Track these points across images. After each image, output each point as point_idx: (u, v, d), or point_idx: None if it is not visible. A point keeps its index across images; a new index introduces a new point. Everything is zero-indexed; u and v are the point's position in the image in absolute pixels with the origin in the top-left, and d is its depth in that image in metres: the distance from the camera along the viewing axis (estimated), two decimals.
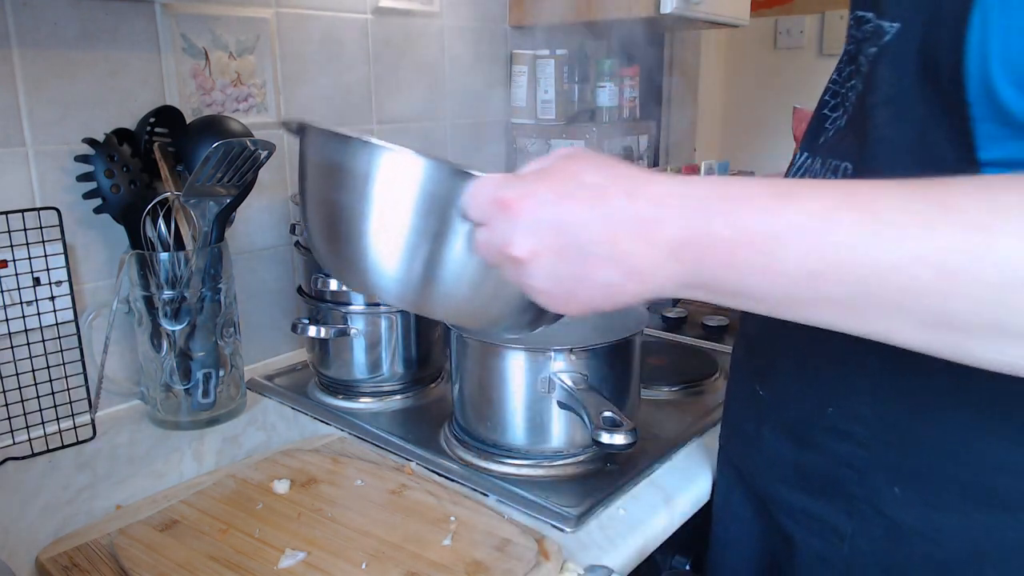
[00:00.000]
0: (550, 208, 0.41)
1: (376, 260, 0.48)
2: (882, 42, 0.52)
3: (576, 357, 0.74)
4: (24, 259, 0.82)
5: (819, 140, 0.61)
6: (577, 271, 0.41)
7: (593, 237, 0.40)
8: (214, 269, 0.88)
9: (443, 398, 0.97)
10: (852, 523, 0.59)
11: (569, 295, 0.42)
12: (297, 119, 0.52)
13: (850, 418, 0.57)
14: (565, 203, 0.40)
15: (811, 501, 0.62)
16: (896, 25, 0.50)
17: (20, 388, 0.82)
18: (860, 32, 0.55)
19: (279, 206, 1.08)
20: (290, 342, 1.12)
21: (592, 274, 0.40)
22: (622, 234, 0.39)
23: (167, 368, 0.88)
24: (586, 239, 0.40)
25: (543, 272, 0.41)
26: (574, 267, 0.41)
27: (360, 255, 0.48)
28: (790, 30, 1.89)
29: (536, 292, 0.43)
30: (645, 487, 0.76)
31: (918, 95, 0.43)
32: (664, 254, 0.39)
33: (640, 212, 0.39)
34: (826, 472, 0.60)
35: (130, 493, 0.74)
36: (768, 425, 0.65)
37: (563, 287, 0.42)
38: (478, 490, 0.74)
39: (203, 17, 0.96)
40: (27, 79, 0.82)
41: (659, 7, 1.23)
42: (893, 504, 0.56)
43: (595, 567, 0.62)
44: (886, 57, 0.51)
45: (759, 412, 0.66)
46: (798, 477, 0.62)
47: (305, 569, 0.60)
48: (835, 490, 0.60)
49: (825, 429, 0.59)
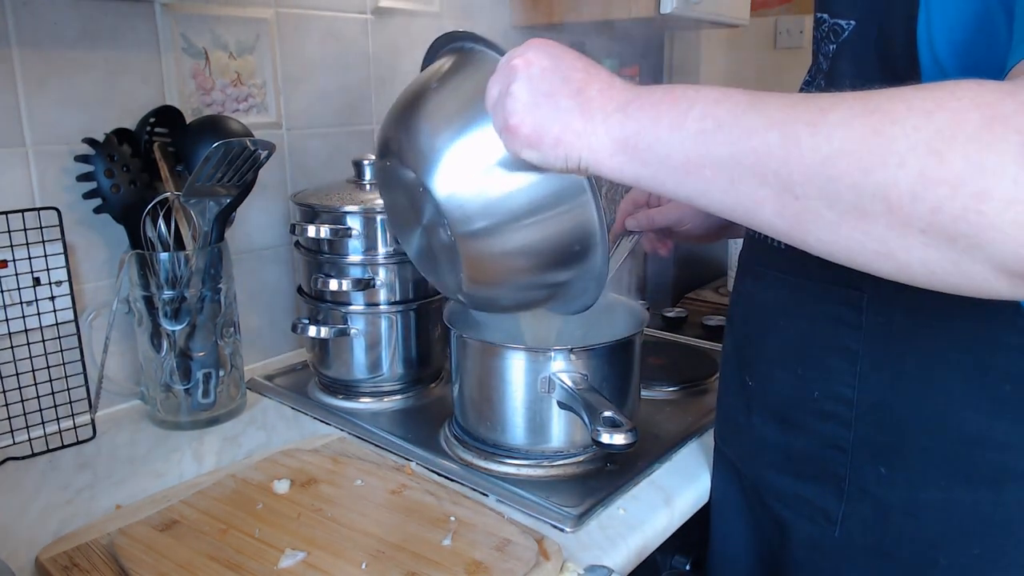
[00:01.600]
0: (554, 48, 0.50)
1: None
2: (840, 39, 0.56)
3: (576, 357, 0.74)
4: (24, 259, 0.82)
5: None
6: (551, 89, 0.48)
7: (575, 73, 0.49)
8: (214, 269, 0.88)
9: (443, 398, 0.97)
10: (842, 506, 0.60)
11: (533, 111, 0.49)
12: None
13: (834, 399, 0.59)
14: (564, 52, 0.51)
15: (801, 485, 0.63)
16: (852, 23, 0.55)
17: (20, 388, 0.83)
18: (818, 32, 0.60)
19: (279, 206, 1.08)
20: (290, 342, 1.12)
21: (559, 96, 0.48)
22: (594, 82, 0.48)
23: (167, 368, 0.88)
24: (568, 70, 0.49)
25: (526, 83, 0.49)
26: (550, 85, 0.49)
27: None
28: (790, 30, 1.89)
29: (512, 102, 0.49)
30: (645, 487, 0.76)
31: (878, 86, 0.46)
32: (614, 105, 0.47)
33: (612, 79, 0.49)
34: (814, 455, 0.62)
35: (130, 493, 0.74)
36: (757, 413, 0.67)
37: (533, 100, 0.49)
38: (478, 490, 0.74)
39: (203, 17, 0.96)
40: (27, 79, 0.82)
41: (659, 7, 1.23)
42: (878, 484, 0.58)
43: (595, 567, 0.62)
44: (845, 52, 0.56)
45: (748, 401, 0.68)
46: (787, 461, 0.64)
47: (305, 569, 0.60)
48: (823, 473, 0.61)
49: (811, 412, 0.61)
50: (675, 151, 0.43)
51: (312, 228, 0.90)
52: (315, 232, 0.90)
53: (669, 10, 1.22)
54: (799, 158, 0.38)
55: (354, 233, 0.90)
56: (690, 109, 0.43)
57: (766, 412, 0.66)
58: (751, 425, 0.68)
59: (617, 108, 0.46)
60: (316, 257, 0.94)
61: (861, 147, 0.36)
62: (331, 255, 0.93)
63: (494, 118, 0.52)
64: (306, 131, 1.10)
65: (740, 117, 0.41)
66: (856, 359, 0.58)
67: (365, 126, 1.18)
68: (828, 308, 0.59)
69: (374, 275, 0.92)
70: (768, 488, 0.67)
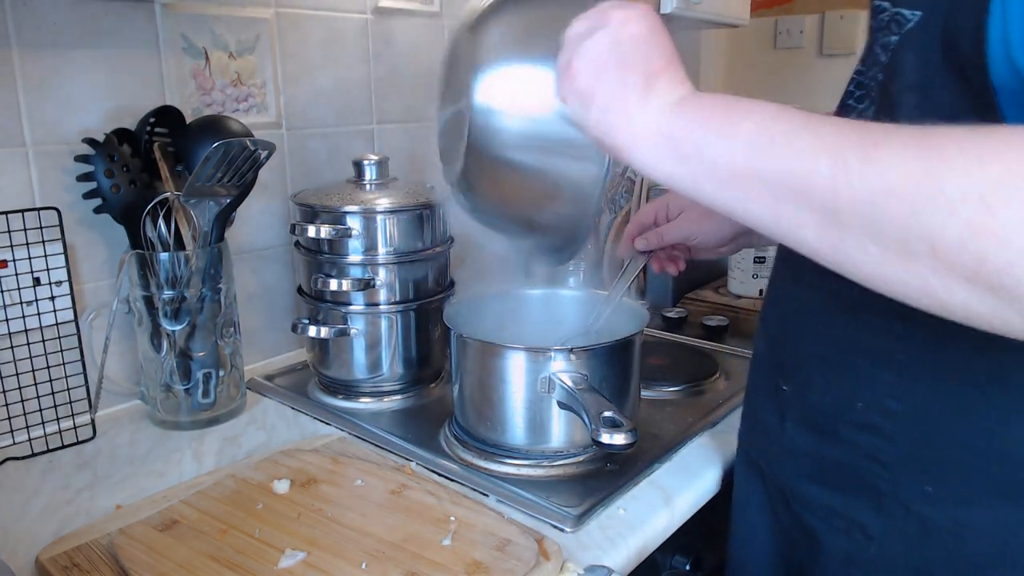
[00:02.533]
0: (654, 22, 0.51)
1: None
2: (904, 30, 0.52)
3: (576, 357, 0.74)
4: (24, 259, 0.82)
5: None
6: (630, 57, 0.49)
7: (657, 55, 0.49)
8: (214, 269, 0.88)
9: (443, 398, 0.96)
10: (880, 521, 0.58)
11: (601, 68, 0.49)
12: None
13: (876, 410, 0.57)
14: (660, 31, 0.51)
15: (835, 496, 0.61)
16: (918, 13, 0.51)
17: (20, 388, 0.83)
18: (876, 22, 0.56)
19: (279, 206, 1.08)
20: (290, 342, 1.12)
21: (632, 69, 0.48)
22: (668, 72, 0.49)
23: (167, 368, 0.88)
24: (654, 49, 0.49)
25: (611, 39, 0.49)
26: (631, 53, 0.49)
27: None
28: (790, 30, 1.89)
29: (588, 48, 0.50)
30: (645, 487, 0.76)
31: (943, 81, 0.45)
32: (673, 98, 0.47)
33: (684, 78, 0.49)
34: (850, 466, 0.60)
35: (130, 493, 0.74)
36: (791, 420, 0.65)
37: (607, 58, 0.49)
38: (478, 490, 0.74)
39: (203, 17, 0.96)
40: (27, 79, 0.82)
41: (659, 7, 1.23)
42: (923, 501, 0.56)
43: (595, 567, 0.62)
44: (909, 44, 0.52)
45: (781, 407, 0.66)
46: (821, 471, 0.62)
47: (305, 569, 0.60)
48: (859, 485, 0.59)
49: (850, 423, 0.59)
50: (722, 158, 0.43)
51: (312, 228, 0.90)
52: (315, 232, 0.90)
53: (669, 10, 1.23)
54: (847, 189, 0.38)
55: (354, 233, 0.90)
56: (744, 120, 0.43)
57: (800, 419, 0.64)
58: (783, 431, 0.66)
59: (675, 102, 0.46)
60: (316, 257, 0.94)
61: (912, 188, 0.36)
62: (331, 255, 0.93)
63: (563, 51, 0.51)
64: (306, 131, 1.10)
65: (793, 136, 0.40)
66: (902, 370, 0.55)
67: (365, 126, 1.18)
68: (872, 315, 0.56)
69: (374, 275, 0.92)
70: (798, 496, 0.65)
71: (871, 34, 0.57)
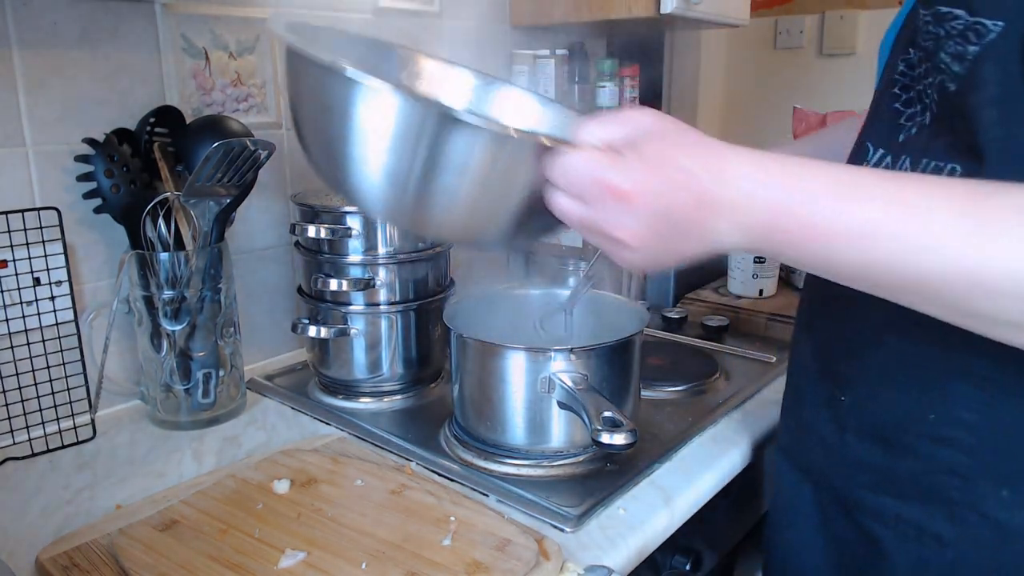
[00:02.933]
0: (662, 201, 0.46)
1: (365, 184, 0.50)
2: (985, 40, 0.50)
3: (576, 357, 0.74)
4: (24, 259, 0.81)
5: (897, 137, 0.59)
6: (669, 246, 0.48)
7: (688, 218, 0.47)
8: (214, 269, 0.88)
9: (443, 398, 0.96)
10: (955, 528, 0.58)
11: (653, 261, 0.49)
12: (284, 35, 0.52)
13: (953, 424, 0.56)
14: (670, 195, 0.46)
15: (903, 506, 0.60)
16: (1000, 23, 0.49)
17: (20, 388, 0.82)
18: (943, 28, 0.53)
19: (279, 206, 1.08)
20: (290, 342, 1.12)
21: (680, 247, 0.48)
22: (711, 216, 0.46)
23: (167, 368, 0.88)
24: (682, 220, 0.47)
25: (643, 250, 0.48)
26: (667, 243, 0.48)
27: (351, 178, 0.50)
28: (790, 30, 1.89)
29: (628, 263, 0.49)
30: (645, 487, 0.76)
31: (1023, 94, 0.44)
32: (741, 231, 0.46)
33: (727, 197, 0.46)
34: (922, 478, 0.59)
35: (130, 493, 0.74)
36: (852, 431, 0.64)
37: (651, 256, 0.48)
38: (478, 490, 0.74)
39: (203, 17, 0.96)
40: (27, 79, 0.82)
41: (659, 7, 1.23)
42: (999, 506, 0.56)
43: (595, 567, 0.62)
44: (991, 56, 0.50)
45: (840, 418, 0.65)
46: (888, 482, 0.61)
47: (305, 569, 0.60)
48: (931, 495, 0.58)
49: (923, 435, 0.58)
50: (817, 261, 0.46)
51: (312, 228, 0.90)
52: (315, 232, 0.90)
53: (669, 10, 1.22)
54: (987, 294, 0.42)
55: (354, 233, 0.90)
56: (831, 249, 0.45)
57: (863, 430, 0.62)
58: (844, 442, 0.64)
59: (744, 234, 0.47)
60: (316, 257, 0.94)
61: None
62: (331, 255, 0.93)
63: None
64: None
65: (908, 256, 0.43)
66: (984, 384, 0.54)
67: None
68: (951, 329, 0.52)
69: (374, 275, 0.92)
70: (860, 506, 0.64)
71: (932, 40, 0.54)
